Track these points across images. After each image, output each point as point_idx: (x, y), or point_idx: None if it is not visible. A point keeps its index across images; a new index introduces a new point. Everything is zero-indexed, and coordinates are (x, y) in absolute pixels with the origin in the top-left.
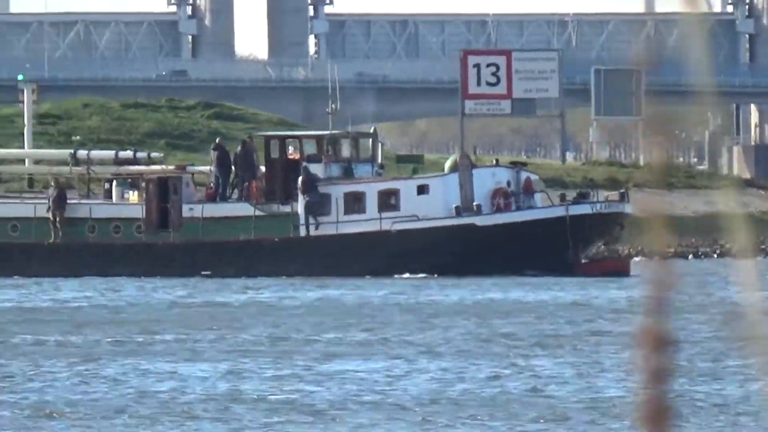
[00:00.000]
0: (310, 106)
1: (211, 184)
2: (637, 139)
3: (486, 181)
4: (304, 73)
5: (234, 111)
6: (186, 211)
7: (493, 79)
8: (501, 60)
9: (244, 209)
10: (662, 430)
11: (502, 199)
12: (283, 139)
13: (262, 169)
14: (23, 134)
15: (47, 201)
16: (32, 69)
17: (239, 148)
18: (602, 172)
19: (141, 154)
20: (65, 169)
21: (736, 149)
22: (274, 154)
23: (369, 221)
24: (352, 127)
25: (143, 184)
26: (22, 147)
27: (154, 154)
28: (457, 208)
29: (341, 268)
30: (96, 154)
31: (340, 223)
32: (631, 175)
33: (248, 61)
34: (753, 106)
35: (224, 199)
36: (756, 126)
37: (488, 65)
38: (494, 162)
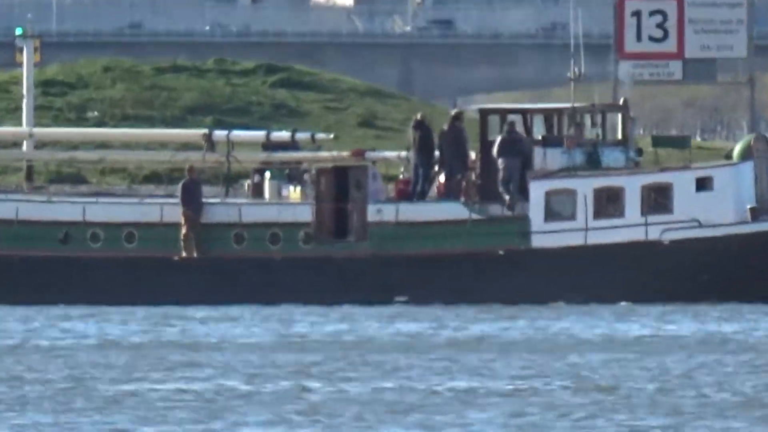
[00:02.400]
0: (411, 69)
1: (402, 176)
2: None
3: None
4: (402, 25)
5: (307, 76)
6: (373, 213)
7: (658, 33)
8: (670, 6)
9: (455, 211)
10: None
11: None
12: (504, 114)
13: (472, 156)
14: (21, 108)
15: (178, 198)
16: (35, 20)
17: (445, 126)
18: None
19: (303, 135)
20: (194, 156)
21: None
22: (493, 134)
23: (630, 228)
24: (461, 100)
25: (311, 177)
26: (20, 124)
27: (320, 136)
28: (753, 210)
29: (591, 291)
30: (239, 135)
31: (589, 231)
32: None
33: (327, 10)
34: None
35: (423, 196)
36: None
37: (652, 13)
38: None
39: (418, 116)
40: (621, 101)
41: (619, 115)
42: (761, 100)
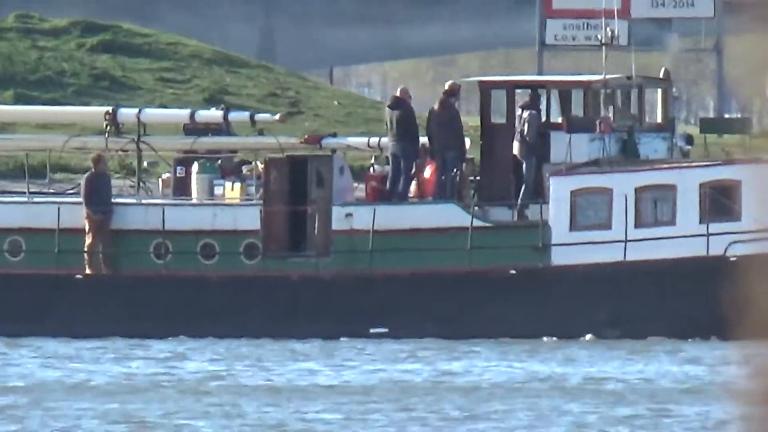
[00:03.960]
0: (273, 31)
1: (373, 170)
2: None
3: None
4: None
5: (136, 38)
6: (339, 218)
7: None
8: None
9: (450, 216)
10: None
11: None
12: (513, 89)
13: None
14: None
15: (81, 195)
16: None
17: (436, 104)
18: None
19: (238, 116)
20: (93, 141)
21: None
22: (498, 116)
23: (685, 239)
24: (340, 71)
25: (255, 171)
26: None
27: (261, 116)
28: None
29: (631, 323)
30: (153, 115)
31: (629, 243)
32: None
33: None
34: None
35: (405, 197)
36: None
37: None
38: None
39: (398, 92)
40: (662, 74)
41: (659, 92)
42: (731, 72)
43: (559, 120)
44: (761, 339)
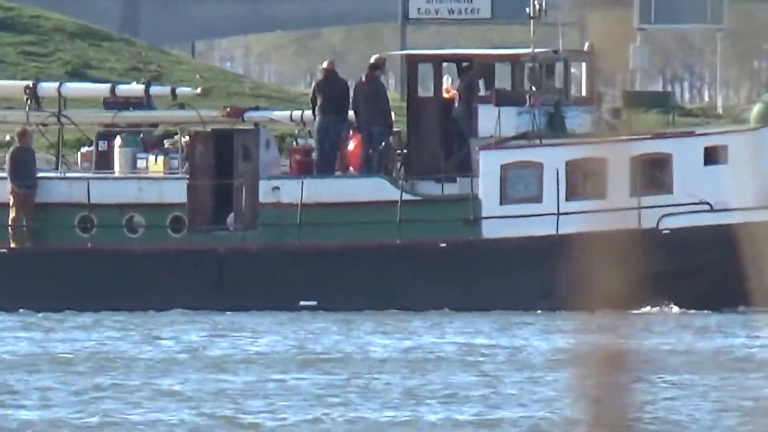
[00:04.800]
0: (136, 4)
1: (296, 144)
2: None
3: None
4: None
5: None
6: (266, 192)
7: None
8: None
9: (379, 190)
10: None
11: None
12: (440, 63)
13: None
14: None
15: (5, 170)
16: None
17: (363, 77)
18: None
19: (159, 90)
20: (13, 115)
21: None
22: (425, 89)
23: (616, 213)
24: (203, 44)
25: (179, 144)
26: None
27: (182, 90)
28: None
29: (564, 296)
30: (73, 88)
31: (561, 216)
32: None
33: None
34: None
35: (331, 170)
36: None
37: None
38: None
39: (325, 64)
40: (587, 47)
41: (584, 66)
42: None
43: (487, 93)
44: (600, 309)
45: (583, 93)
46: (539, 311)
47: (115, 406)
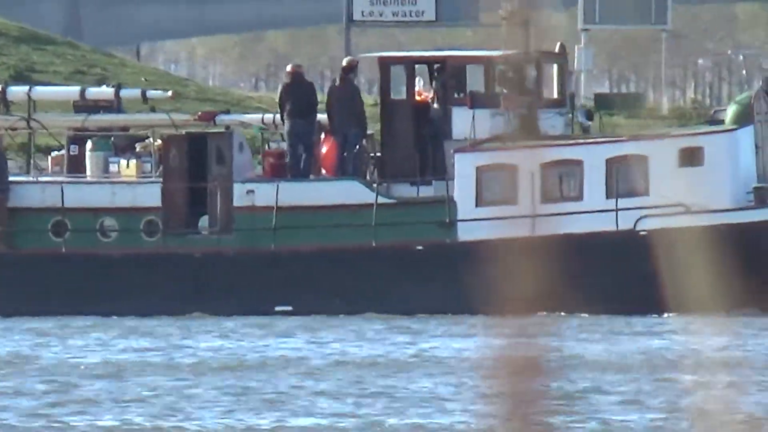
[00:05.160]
0: (80, 7)
1: (270, 146)
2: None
3: None
4: None
5: None
6: (241, 195)
7: None
8: None
9: (354, 193)
10: None
11: None
12: (413, 65)
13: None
14: None
15: None
16: None
17: (337, 79)
18: None
19: (130, 92)
20: None
21: None
22: (396, 92)
23: (592, 215)
24: (147, 47)
25: (151, 148)
26: None
27: (154, 93)
28: (759, 190)
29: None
30: (43, 92)
31: (537, 219)
32: None
33: None
34: None
35: (306, 173)
36: None
37: None
38: None
39: (289, 67)
40: (558, 49)
41: (555, 67)
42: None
43: (460, 95)
44: (515, 314)
45: (555, 95)
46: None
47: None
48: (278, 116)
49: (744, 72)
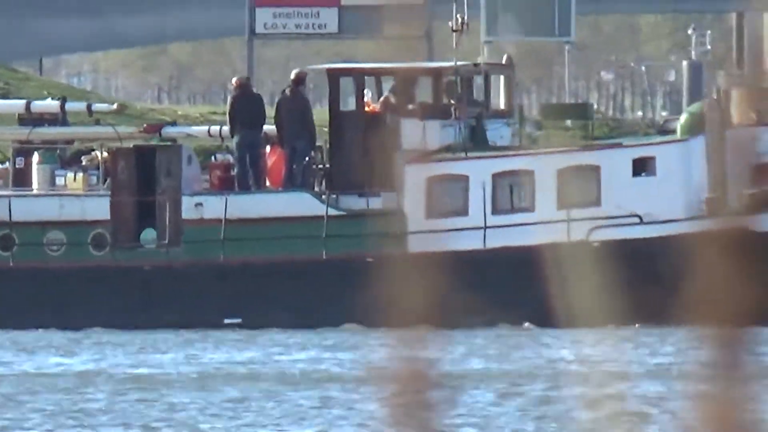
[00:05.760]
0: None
1: (218, 159)
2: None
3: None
4: None
5: None
6: (189, 208)
7: None
8: None
9: (305, 204)
10: None
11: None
12: (362, 77)
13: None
14: None
15: None
16: None
17: (286, 90)
18: None
19: (76, 106)
20: None
21: None
22: (347, 103)
23: (544, 225)
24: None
25: (97, 160)
26: None
27: (99, 107)
28: (711, 201)
29: (493, 309)
30: None
31: (488, 230)
32: None
33: None
34: None
35: (256, 185)
36: None
37: None
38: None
39: (235, 80)
40: (504, 60)
41: (502, 78)
42: (443, 56)
43: (411, 107)
44: (404, 326)
45: (502, 106)
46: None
47: None
48: (225, 128)
49: (646, 83)
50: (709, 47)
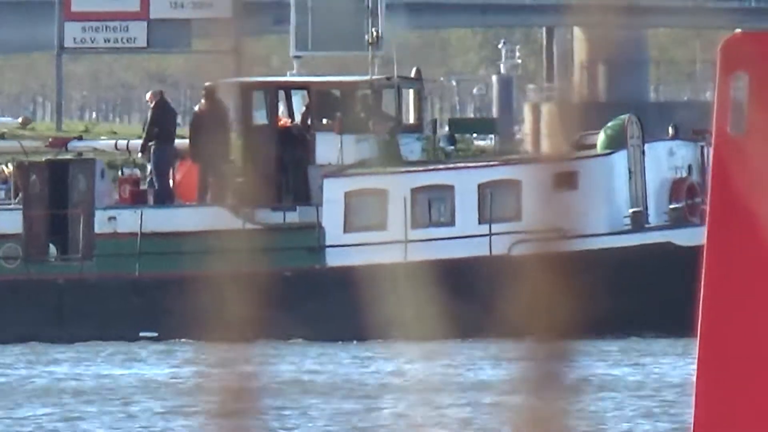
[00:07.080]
0: None
1: (122, 172)
2: None
3: (660, 164)
4: None
5: None
6: (102, 222)
7: None
8: None
9: (220, 218)
10: None
11: (688, 198)
12: (275, 91)
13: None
14: None
15: None
16: None
17: (203, 103)
18: None
19: None
20: None
21: None
22: (261, 117)
23: (464, 240)
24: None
25: (8, 174)
26: None
27: (2, 120)
28: (636, 214)
29: (414, 323)
30: None
31: (409, 243)
32: None
33: None
34: None
35: (169, 199)
36: None
37: None
38: (670, 131)
39: (149, 95)
40: (414, 74)
41: (412, 92)
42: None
43: (324, 121)
44: (230, 341)
45: (412, 120)
46: (388, 340)
47: None
48: (132, 142)
49: (457, 98)
50: (519, 61)
